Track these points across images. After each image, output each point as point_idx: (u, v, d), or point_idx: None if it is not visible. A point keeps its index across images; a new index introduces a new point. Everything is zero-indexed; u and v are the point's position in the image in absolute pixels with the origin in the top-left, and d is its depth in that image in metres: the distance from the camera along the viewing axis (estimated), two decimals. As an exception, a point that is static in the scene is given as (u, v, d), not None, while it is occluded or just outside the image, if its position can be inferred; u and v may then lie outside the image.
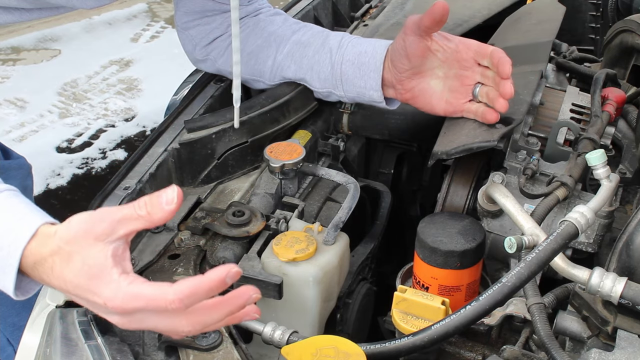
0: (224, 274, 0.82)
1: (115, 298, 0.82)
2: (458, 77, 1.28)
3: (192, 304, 0.82)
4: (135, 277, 0.84)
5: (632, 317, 0.93)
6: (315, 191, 1.35)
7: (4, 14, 1.31)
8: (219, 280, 0.82)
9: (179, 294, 0.81)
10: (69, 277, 0.85)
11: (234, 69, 1.27)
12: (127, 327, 0.86)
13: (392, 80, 1.32)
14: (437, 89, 1.30)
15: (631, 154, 1.40)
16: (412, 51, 1.27)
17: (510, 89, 1.20)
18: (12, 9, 1.30)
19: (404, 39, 1.27)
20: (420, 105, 1.33)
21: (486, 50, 1.24)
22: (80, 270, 0.84)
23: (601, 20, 2.05)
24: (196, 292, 0.81)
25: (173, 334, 0.88)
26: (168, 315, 0.84)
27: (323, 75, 1.39)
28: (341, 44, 1.38)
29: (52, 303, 1.01)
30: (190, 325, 0.84)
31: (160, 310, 0.82)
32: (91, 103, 3.90)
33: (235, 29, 1.23)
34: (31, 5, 1.30)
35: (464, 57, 1.26)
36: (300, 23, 1.47)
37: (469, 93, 1.28)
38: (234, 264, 0.91)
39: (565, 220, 0.99)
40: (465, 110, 1.29)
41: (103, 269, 0.84)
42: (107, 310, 0.85)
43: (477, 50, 1.26)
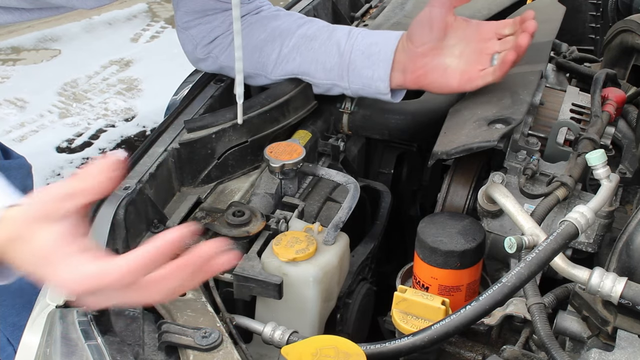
0: (171, 238, 0.79)
1: (69, 281, 0.81)
2: (476, 50, 1.29)
3: (148, 273, 0.80)
4: (91, 255, 0.81)
5: (632, 317, 0.93)
6: (315, 191, 1.35)
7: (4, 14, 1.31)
8: (168, 244, 0.79)
9: (129, 267, 0.78)
10: (25, 263, 0.84)
11: (236, 65, 1.27)
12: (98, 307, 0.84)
13: (404, 61, 1.32)
14: (451, 64, 1.30)
15: (631, 154, 1.40)
16: (437, 22, 1.28)
17: (532, 25, 1.22)
18: (12, 9, 1.30)
19: (430, 10, 1.29)
20: (432, 81, 1.32)
21: (509, 21, 1.26)
22: (33, 256, 0.83)
23: (601, 20, 2.05)
24: (146, 262, 0.79)
25: (146, 304, 0.85)
26: (130, 289, 0.81)
27: (329, 66, 1.39)
28: (351, 35, 1.39)
29: (52, 303, 1.01)
30: (157, 293, 0.82)
31: (118, 287, 0.80)
32: (91, 103, 3.90)
33: (237, 26, 1.24)
34: (31, 6, 1.30)
35: (485, 30, 1.28)
36: (305, 17, 1.47)
37: (487, 61, 1.28)
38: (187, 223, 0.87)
39: (565, 220, 0.99)
40: (482, 76, 1.28)
41: (53, 252, 0.81)
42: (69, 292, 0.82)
43: (499, 25, 1.28)
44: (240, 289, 1.09)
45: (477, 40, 1.28)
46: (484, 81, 1.28)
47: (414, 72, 1.32)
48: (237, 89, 1.29)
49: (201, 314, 1.02)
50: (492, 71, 1.27)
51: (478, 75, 1.28)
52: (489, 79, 1.27)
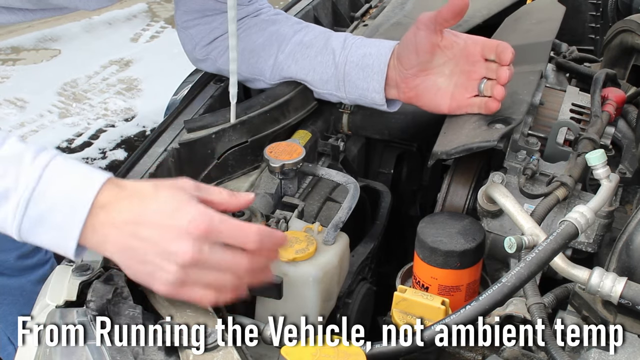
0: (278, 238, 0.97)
1: (200, 216, 0.90)
2: (464, 72, 1.28)
3: (262, 247, 0.94)
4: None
5: (632, 317, 0.93)
6: (315, 191, 1.35)
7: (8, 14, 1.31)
8: (282, 237, 0.98)
9: (260, 232, 0.93)
10: (150, 208, 0.92)
11: (230, 66, 1.27)
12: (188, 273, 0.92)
13: (396, 78, 1.32)
14: (442, 85, 1.30)
15: (631, 154, 1.40)
16: (422, 47, 1.27)
17: (505, 74, 1.22)
18: (15, 9, 1.30)
19: (415, 33, 1.27)
20: (424, 103, 1.32)
21: (493, 45, 1.25)
22: (164, 204, 0.92)
23: (601, 20, 2.05)
24: (269, 239, 0.95)
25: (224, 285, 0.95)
26: (236, 254, 0.93)
27: (325, 77, 1.39)
28: (345, 45, 1.38)
29: (52, 303, 1.01)
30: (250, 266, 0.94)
31: (235, 243, 0.92)
32: (91, 103, 3.90)
33: (232, 27, 1.24)
34: (34, 6, 1.30)
35: (471, 52, 1.27)
36: (302, 23, 1.47)
37: (475, 88, 1.28)
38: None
39: (565, 220, 0.99)
40: (469, 105, 1.29)
41: (188, 200, 0.92)
42: (180, 238, 0.90)
43: (484, 45, 1.26)
44: (240, 289, 1.09)
45: (465, 61, 1.28)
46: (471, 111, 1.29)
47: (406, 93, 1.33)
48: (231, 90, 1.29)
49: (201, 314, 1.02)
50: (477, 105, 1.28)
51: (466, 103, 1.29)
52: (475, 110, 1.28)
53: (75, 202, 0.93)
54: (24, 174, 0.93)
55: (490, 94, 1.26)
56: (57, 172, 0.94)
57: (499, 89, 1.23)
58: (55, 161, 0.95)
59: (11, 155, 0.95)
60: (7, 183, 0.93)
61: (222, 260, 0.93)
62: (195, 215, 0.91)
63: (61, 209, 0.93)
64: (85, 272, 1.04)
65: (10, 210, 0.93)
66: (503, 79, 1.22)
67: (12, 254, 1.86)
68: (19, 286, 1.88)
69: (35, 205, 0.93)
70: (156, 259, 0.92)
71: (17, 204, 0.93)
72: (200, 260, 0.91)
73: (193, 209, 0.91)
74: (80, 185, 0.93)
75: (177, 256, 0.91)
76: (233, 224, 0.93)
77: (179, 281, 0.92)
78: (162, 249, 0.91)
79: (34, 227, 0.94)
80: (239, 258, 0.94)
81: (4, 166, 0.94)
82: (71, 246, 0.94)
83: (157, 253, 0.92)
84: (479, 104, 1.27)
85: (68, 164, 0.96)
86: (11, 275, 1.88)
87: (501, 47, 1.23)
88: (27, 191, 0.93)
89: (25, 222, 0.94)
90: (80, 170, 0.96)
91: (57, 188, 0.93)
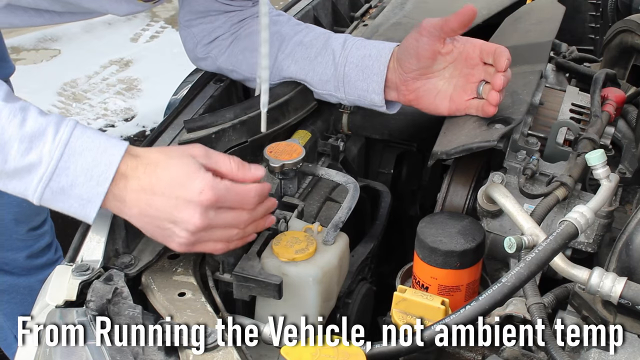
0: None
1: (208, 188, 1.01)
2: (463, 75, 1.29)
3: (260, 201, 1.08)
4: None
5: (631, 317, 0.93)
6: (315, 191, 1.35)
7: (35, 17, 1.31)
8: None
9: (257, 192, 1.06)
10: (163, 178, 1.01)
11: (262, 74, 1.27)
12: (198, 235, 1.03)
13: (396, 81, 1.32)
14: (442, 88, 1.30)
15: (631, 154, 1.40)
16: (423, 52, 1.27)
17: (500, 80, 1.22)
18: (43, 11, 1.30)
19: (417, 39, 1.28)
20: (424, 106, 1.33)
21: (491, 49, 1.25)
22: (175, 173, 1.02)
23: (601, 20, 2.05)
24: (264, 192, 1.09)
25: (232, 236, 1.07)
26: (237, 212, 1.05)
27: (325, 77, 1.39)
28: (345, 46, 1.38)
29: (52, 303, 1.01)
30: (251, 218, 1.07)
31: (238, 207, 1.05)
32: (91, 103, 3.90)
33: (265, 35, 1.24)
34: (63, 9, 1.31)
35: (470, 55, 1.27)
36: (302, 24, 1.47)
37: (473, 90, 1.28)
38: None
39: (565, 220, 0.99)
40: (468, 107, 1.29)
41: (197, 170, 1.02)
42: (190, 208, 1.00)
43: (483, 48, 1.26)
44: (239, 289, 1.09)
45: (464, 64, 1.28)
46: (469, 112, 1.29)
47: (406, 95, 1.33)
48: (262, 98, 1.29)
49: (201, 314, 1.02)
50: (475, 107, 1.28)
51: (465, 105, 1.29)
52: (473, 113, 1.29)
53: (97, 176, 1.02)
54: (47, 153, 1.01)
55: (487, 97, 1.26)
56: (78, 148, 1.02)
57: (494, 95, 1.23)
58: (74, 136, 1.02)
59: (34, 132, 1.01)
60: (31, 159, 1.01)
61: (227, 220, 1.05)
62: (204, 186, 1.01)
63: (83, 183, 1.02)
64: (85, 272, 1.04)
65: (33, 184, 1.02)
66: (498, 85, 1.22)
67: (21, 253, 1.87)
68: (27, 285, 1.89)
69: (58, 180, 1.01)
70: (169, 225, 1.02)
71: (40, 179, 1.01)
72: (208, 225, 1.03)
73: (202, 181, 1.02)
74: (100, 160, 1.02)
75: (188, 224, 1.02)
76: (236, 191, 1.05)
77: (191, 242, 1.04)
78: (174, 217, 1.02)
79: (55, 197, 1.03)
80: (241, 215, 1.06)
81: (27, 143, 1.01)
82: (91, 215, 1.04)
83: (169, 221, 1.02)
84: (477, 107, 1.28)
85: (88, 136, 1.04)
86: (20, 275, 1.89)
87: (498, 52, 1.23)
88: (49, 169, 1.01)
89: (47, 193, 1.02)
90: (100, 144, 1.03)
91: (78, 166, 1.01)
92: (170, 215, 1.02)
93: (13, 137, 1.00)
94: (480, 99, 1.27)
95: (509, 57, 1.22)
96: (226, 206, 1.04)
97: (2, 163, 1.01)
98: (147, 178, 1.03)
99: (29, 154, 1.01)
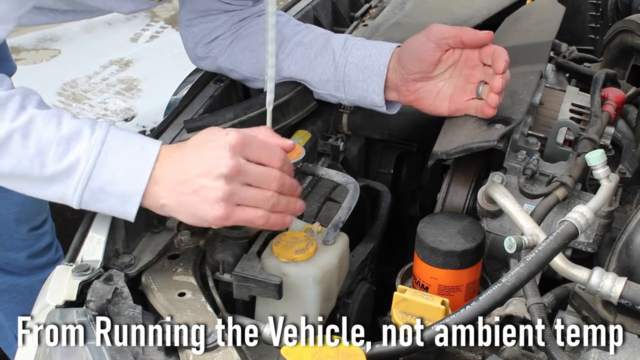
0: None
1: (235, 133, 1.02)
2: (463, 75, 1.29)
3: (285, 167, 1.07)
4: None
5: (631, 317, 0.93)
6: (315, 191, 1.35)
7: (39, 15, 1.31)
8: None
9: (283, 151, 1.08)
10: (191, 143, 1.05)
11: (269, 72, 1.27)
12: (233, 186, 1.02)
13: (396, 81, 1.33)
14: (442, 89, 1.31)
15: (631, 154, 1.40)
16: (428, 57, 1.28)
17: (498, 83, 1.22)
18: (46, 10, 1.30)
19: (423, 43, 1.28)
20: (424, 107, 1.33)
21: (490, 51, 1.25)
22: (206, 134, 1.05)
23: (601, 20, 2.05)
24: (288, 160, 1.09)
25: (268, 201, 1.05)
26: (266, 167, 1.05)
27: (325, 77, 1.39)
28: (345, 46, 1.38)
29: (52, 303, 1.01)
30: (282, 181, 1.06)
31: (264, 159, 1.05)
32: (91, 103, 3.90)
33: (271, 34, 1.24)
34: (67, 7, 1.31)
35: (470, 56, 1.28)
36: (302, 24, 1.47)
37: (473, 91, 1.28)
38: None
39: (565, 220, 0.99)
40: (467, 108, 1.29)
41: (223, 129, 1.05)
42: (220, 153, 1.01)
43: (482, 49, 1.27)
44: (239, 289, 1.09)
45: (464, 65, 1.29)
46: (469, 113, 1.30)
47: (406, 96, 1.33)
48: (268, 96, 1.29)
49: (201, 314, 1.02)
50: (474, 108, 1.28)
51: (464, 106, 1.29)
52: (472, 113, 1.29)
53: (135, 174, 1.03)
54: (84, 152, 1.02)
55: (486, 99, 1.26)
56: (115, 146, 1.04)
57: (493, 97, 1.23)
58: (110, 135, 1.04)
59: (70, 134, 1.03)
60: (70, 160, 1.02)
61: (257, 171, 1.04)
62: (229, 132, 1.03)
63: (121, 182, 1.03)
64: (85, 272, 1.04)
65: (72, 185, 1.02)
66: (496, 87, 1.22)
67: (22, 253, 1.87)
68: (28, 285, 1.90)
69: (98, 178, 1.02)
70: (201, 180, 1.01)
71: (80, 178, 1.02)
72: (240, 170, 1.02)
73: (227, 131, 1.04)
74: (137, 158, 1.04)
75: (219, 168, 1.01)
76: (262, 142, 1.06)
77: (227, 195, 1.01)
78: (206, 168, 1.01)
79: (95, 196, 1.04)
80: (271, 171, 1.05)
81: (65, 146, 1.02)
82: (132, 213, 1.04)
83: (202, 174, 1.01)
84: (476, 107, 1.28)
85: (123, 137, 1.06)
86: (21, 275, 1.90)
87: (496, 54, 1.24)
88: (87, 167, 1.02)
89: (86, 194, 1.03)
90: (136, 142, 1.05)
91: (116, 162, 1.03)
92: (202, 168, 1.02)
93: (50, 141, 1.01)
94: (480, 100, 1.28)
95: (507, 59, 1.22)
96: (254, 156, 1.04)
97: (40, 168, 1.02)
98: (178, 152, 1.05)
99: (67, 155, 1.02)
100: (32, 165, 1.02)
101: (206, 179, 1.01)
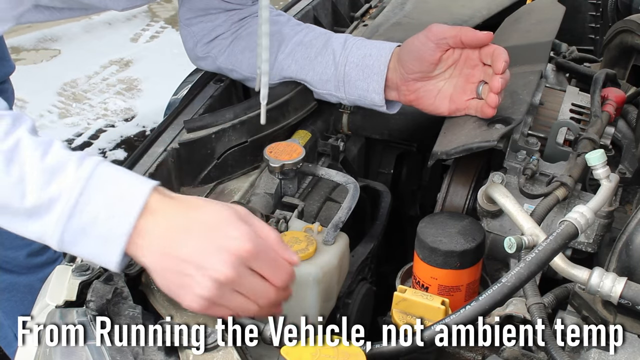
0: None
1: (246, 237, 0.91)
2: (464, 75, 1.29)
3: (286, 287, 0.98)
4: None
5: (631, 317, 0.93)
6: (315, 191, 1.35)
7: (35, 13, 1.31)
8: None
9: (293, 274, 0.97)
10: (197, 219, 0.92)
11: (262, 66, 1.27)
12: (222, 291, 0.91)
13: (397, 81, 1.33)
14: (442, 88, 1.31)
15: (631, 154, 1.40)
16: (428, 57, 1.28)
17: (497, 83, 1.22)
18: (42, 7, 1.30)
19: (424, 43, 1.28)
20: (424, 106, 1.33)
21: (490, 50, 1.25)
22: (211, 216, 0.93)
23: (601, 20, 2.05)
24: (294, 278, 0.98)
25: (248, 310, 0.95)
26: (266, 284, 0.94)
27: (325, 77, 1.39)
28: (345, 46, 1.38)
29: (52, 303, 1.01)
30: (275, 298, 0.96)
31: (268, 275, 0.93)
32: (91, 103, 3.90)
33: (265, 28, 1.24)
34: (62, 4, 1.31)
35: (470, 56, 1.28)
36: (302, 24, 1.47)
37: (473, 91, 1.28)
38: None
39: (565, 220, 0.99)
40: (467, 107, 1.29)
41: (237, 219, 0.93)
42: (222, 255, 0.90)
43: (482, 49, 1.27)
44: (240, 289, 1.09)
45: (464, 64, 1.29)
46: (469, 113, 1.30)
47: (407, 95, 1.33)
48: (262, 90, 1.28)
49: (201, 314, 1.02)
50: (474, 108, 1.28)
51: (464, 105, 1.29)
52: (472, 113, 1.29)
53: (121, 211, 0.92)
54: (67, 186, 0.92)
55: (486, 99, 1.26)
56: (102, 181, 0.93)
57: (492, 97, 1.23)
58: (98, 171, 0.94)
59: (55, 165, 0.94)
60: (51, 192, 0.92)
61: (253, 286, 0.94)
62: (241, 234, 0.91)
63: (105, 219, 0.92)
64: (85, 272, 1.04)
65: (52, 222, 0.92)
66: (495, 88, 1.22)
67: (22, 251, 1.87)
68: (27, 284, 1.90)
69: (79, 216, 0.92)
70: (193, 271, 0.91)
71: (60, 216, 0.92)
72: (235, 281, 0.91)
73: (241, 229, 0.92)
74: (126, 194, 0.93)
75: (216, 272, 0.90)
76: (274, 255, 0.95)
77: (211, 298, 0.92)
78: (203, 262, 0.91)
79: (75, 238, 0.93)
80: (268, 289, 0.95)
81: (48, 176, 0.93)
82: (113, 258, 0.93)
83: (196, 265, 0.91)
84: (476, 107, 1.28)
85: (113, 171, 0.96)
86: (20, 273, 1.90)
87: (496, 54, 1.24)
88: (70, 202, 0.92)
89: (66, 235, 0.93)
90: (126, 179, 0.95)
91: (101, 197, 0.92)
92: (199, 259, 0.91)
93: (33, 169, 0.93)
94: (480, 100, 1.28)
95: (507, 59, 1.22)
96: (258, 268, 0.93)
97: (20, 199, 0.92)
98: (179, 217, 0.93)
99: (49, 187, 0.92)
100: (13, 194, 0.92)
101: (197, 273, 0.91)
